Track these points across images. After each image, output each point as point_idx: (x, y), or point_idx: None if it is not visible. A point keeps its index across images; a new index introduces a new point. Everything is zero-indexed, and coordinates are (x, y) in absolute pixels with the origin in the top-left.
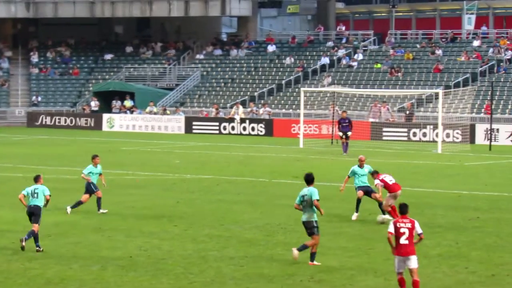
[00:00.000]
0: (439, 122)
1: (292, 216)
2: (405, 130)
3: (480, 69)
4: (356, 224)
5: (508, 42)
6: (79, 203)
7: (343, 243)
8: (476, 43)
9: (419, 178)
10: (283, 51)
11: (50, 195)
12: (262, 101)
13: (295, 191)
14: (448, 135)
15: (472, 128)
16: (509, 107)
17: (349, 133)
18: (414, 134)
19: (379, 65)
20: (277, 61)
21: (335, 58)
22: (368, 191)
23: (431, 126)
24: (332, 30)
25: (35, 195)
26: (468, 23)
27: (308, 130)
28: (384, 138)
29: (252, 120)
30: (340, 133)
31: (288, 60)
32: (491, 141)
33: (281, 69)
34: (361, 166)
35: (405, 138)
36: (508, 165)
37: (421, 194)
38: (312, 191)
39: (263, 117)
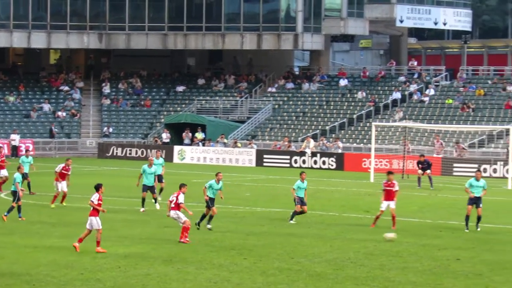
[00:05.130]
0: (510, 158)
1: (361, 251)
2: (476, 165)
3: None
4: (424, 259)
5: None
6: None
7: (412, 278)
8: None
9: (489, 214)
10: (355, 85)
11: None
12: (334, 135)
13: (365, 225)
14: None
15: None
16: None
17: (428, 171)
18: (485, 170)
19: (450, 101)
20: (348, 95)
21: (406, 93)
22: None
23: (501, 163)
24: (404, 65)
25: None
26: None
27: (379, 164)
28: (455, 174)
29: (323, 154)
30: (420, 172)
31: (360, 95)
32: None
33: (353, 103)
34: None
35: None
36: None
37: (491, 230)
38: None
39: (334, 151)
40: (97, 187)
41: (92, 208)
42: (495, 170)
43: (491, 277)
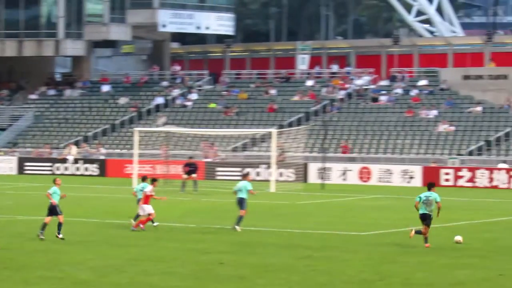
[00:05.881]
0: (272, 161)
1: (124, 257)
2: (239, 169)
3: (313, 108)
4: (187, 263)
5: (340, 82)
6: None
7: (176, 282)
8: (309, 82)
9: (252, 217)
10: (117, 91)
11: None
12: (96, 141)
13: (128, 231)
14: (281, 174)
15: (305, 167)
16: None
17: (194, 175)
18: (248, 174)
19: (213, 105)
20: (111, 101)
21: (169, 98)
22: None
23: (265, 166)
24: (167, 70)
25: None
26: (302, 63)
27: (142, 170)
28: (218, 177)
29: (85, 160)
30: (185, 175)
31: (123, 100)
32: (323, 180)
33: (116, 109)
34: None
35: (239, 178)
36: (339, 204)
37: (253, 233)
38: (436, 196)
39: (97, 158)
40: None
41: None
42: (258, 173)
43: (254, 280)
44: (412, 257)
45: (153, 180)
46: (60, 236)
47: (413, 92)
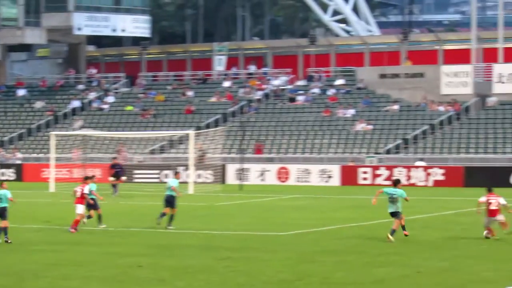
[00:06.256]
0: (190, 163)
1: (42, 262)
2: (157, 171)
3: (231, 109)
4: (107, 267)
5: (257, 82)
6: None
7: (96, 286)
8: (227, 83)
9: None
10: (33, 95)
11: None
12: (12, 146)
13: (48, 235)
14: (199, 176)
15: (224, 169)
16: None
17: (124, 178)
18: (166, 176)
19: (130, 107)
20: (27, 105)
21: (86, 101)
22: None
23: (183, 167)
24: (83, 73)
25: None
26: (219, 64)
27: (59, 174)
28: (136, 180)
29: (1, 165)
30: (112, 178)
31: (39, 104)
32: (242, 181)
33: (32, 113)
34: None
35: (157, 180)
36: (258, 204)
37: (172, 236)
38: (401, 192)
39: (13, 162)
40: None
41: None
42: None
43: (173, 282)
44: (331, 257)
45: (86, 178)
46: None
47: (330, 92)
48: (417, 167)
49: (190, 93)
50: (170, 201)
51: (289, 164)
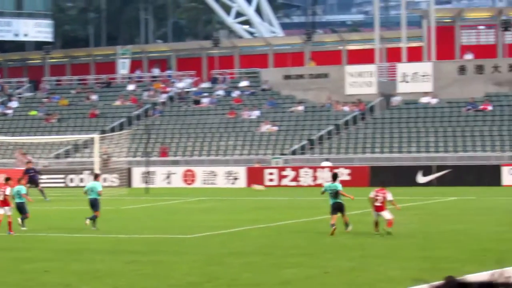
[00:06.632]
0: (96, 167)
1: None
2: (62, 176)
3: (135, 112)
4: (13, 273)
5: (162, 85)
6: None
7: None
8: (131, 87)
9: (76, 224)
10: None
11: None
12: None
13: None
14: (105, 180)
15: (129, 172)
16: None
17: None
18: (72, 180)
19: (34, 112)
20: None
21: None
22: None
23: (88, 172)
24: None
25: None
26: (123, 67)
27: None
28: (41, 185)
29: None
30: (29, 184)
31: None
32: (147, 184)
33: None
34: None
35: (63, 185)
36: (164, 207)
37: (79, 240)
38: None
39: None
40: None
41: None
42: (82, 180)
43: (80, 287)
44: (238, 258)
45: (7, 179)
46: None
47: (235, 94)
48: (323, 167)
49: (94, 97)
50: (95, 204)
51: (195, 166)
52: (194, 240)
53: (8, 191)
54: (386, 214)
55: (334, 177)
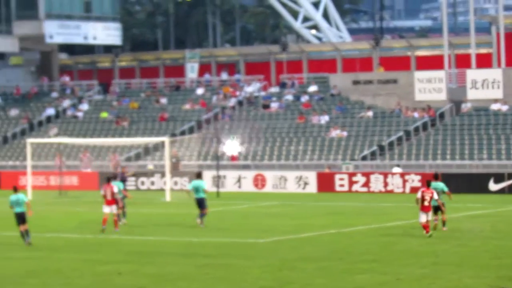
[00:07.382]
0: (167, 170)
1: (23, 269)
2: (133, 179)
3: (205, 116)
4: (86, 274)
5: (231, 89)
6: None
7: None
8: (200, 91)
9: (149, 227)
10: (8, 103)
11: None
12: None
13: (25, 244)
14: (176, 183)
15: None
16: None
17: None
18: (143, 183)
19: (105, 114)
20: (2, 113)
21: (60, 109)
22: None
23: (159, 174)
24: (56, 81)
25: None
26: (191, 71)
27: (36, 182)
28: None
29: None
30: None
31: (13, 112)
32: (218, 188)
33: (7, 121)
34: None
35: (133, 187)
36: (235, 211)
37: (152, 243)
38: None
39: None
40: None
41: None
42: (153, 183)
43: None
44: (310, 263)
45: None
46: None
47: (304, 98)
48: (394, 173)
49: (163, 101)
50: (201, 203)
51: (265, 171)
52: (265, 244)
53: (115, 189)
54: (431, 216)
55: (436, 177)
